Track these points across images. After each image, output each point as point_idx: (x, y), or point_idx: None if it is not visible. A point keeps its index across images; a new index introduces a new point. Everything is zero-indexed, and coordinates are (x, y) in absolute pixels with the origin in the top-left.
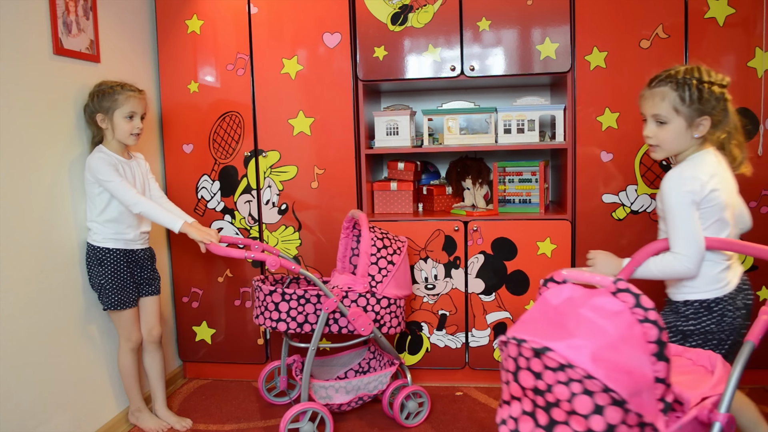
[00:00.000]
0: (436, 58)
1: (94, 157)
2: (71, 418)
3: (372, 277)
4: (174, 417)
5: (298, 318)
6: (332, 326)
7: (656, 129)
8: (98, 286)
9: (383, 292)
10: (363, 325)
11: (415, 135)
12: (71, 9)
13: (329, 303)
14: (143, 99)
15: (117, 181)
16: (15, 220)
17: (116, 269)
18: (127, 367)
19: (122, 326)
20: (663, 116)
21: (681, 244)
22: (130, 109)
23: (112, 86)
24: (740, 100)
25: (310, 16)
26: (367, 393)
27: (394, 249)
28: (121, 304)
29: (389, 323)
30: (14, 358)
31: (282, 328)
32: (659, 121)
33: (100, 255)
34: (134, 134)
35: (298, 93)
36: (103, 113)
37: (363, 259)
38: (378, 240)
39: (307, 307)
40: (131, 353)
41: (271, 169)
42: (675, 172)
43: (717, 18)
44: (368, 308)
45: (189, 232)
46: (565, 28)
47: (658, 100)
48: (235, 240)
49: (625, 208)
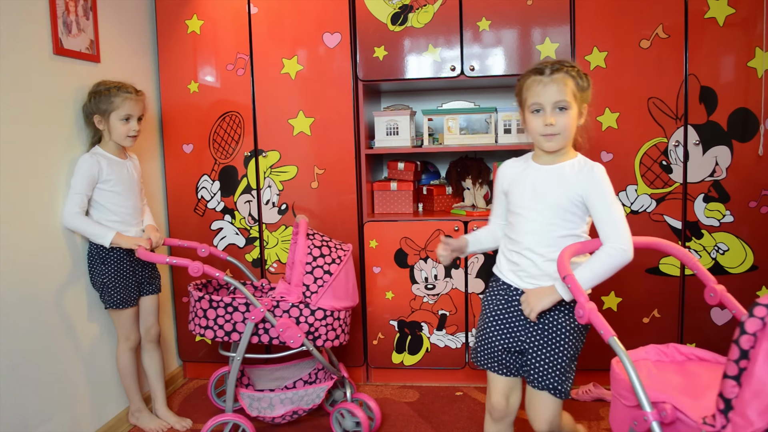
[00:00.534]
0: (436, 58)
1: (83, 159)
2: (71, 418)
3: (306, 287)
4: (174, 417)
5: (225, 326)
6: (262, 336)
7: (558, 116)
8: (100, 285)
9: (318, 303)
10: (292, 337)
11: (415, 135)
12: (71, 9)
13: (256, 313)
14: (141, 101)
15: (78, 193)
16: (15, 219)
17: (119, 268)
18: (126, 366)
19: (122, 325)
20: (566, 102)
21: (624, 234)
22: (127, 112)
23: (109, 87)
24: (740, 100)
25: (310, 16)
26: (302, 407)
27: (333, 258)
28: (123, 303)
29: (325, 336)
30: (14, 358)
31: (209, 336)
32: (560, 108)
33: (104, 254)
34: (130, 136)
35: (298, 93)
36: (100, 115)
37: (297, 267)
38: (315, 248)
39: (235, 315)
40: (130, 353)
41: (271, 169)
42: (597, 164)
43: (717, 18)
44: (301, 319)
45: (120, 243)
46: (565, 28)
47: (562, 86)
48: (178, 243)
49: (625, 208)
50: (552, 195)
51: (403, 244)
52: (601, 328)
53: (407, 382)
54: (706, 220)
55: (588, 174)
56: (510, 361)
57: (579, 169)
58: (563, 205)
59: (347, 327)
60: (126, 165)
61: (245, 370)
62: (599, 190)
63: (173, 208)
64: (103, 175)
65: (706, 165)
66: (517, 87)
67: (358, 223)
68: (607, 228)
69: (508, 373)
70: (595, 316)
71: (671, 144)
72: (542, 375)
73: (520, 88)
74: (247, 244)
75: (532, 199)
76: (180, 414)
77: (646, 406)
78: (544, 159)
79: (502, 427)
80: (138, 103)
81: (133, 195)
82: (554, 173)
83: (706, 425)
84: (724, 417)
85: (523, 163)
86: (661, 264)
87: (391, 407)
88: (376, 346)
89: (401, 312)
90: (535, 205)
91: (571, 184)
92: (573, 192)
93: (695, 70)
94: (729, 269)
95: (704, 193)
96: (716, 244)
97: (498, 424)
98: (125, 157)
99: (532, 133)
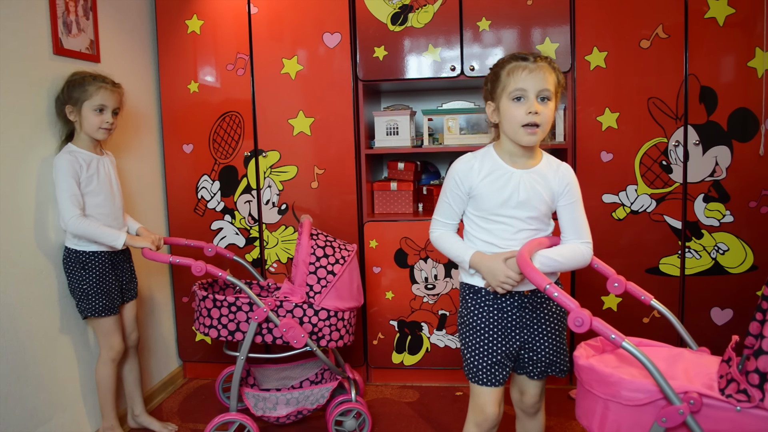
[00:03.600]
0: (436, 58)
1: (61, 158)
2: (71, 418)
3: (310, 287)
4: (157, 423)
5: (229, 326)
6: (266, 336)
7: (541, 106)
8: (80, 291)
9: (321, 304)
10: (295, 337)
11: (415, 135)
12: (71, 9)
13: (259, 312)
14: (117, 93)
15: (70, 194)
16: (15, 219)
17: (102, 273)
18: (107, 379)
19: (104, 334)
20: (549, 92)
21: (588, 232)
22: (100, 102)
23: (84, 76)
24: (740, 100)
25: (310, 16)
26: (307, 407)
27: (337, 258)
28: (107, 310)
29: (328, 336)
30: (14, 358)
31: (213, 335)
32: (543, 98)
33: (83, 259)
34: (103, 128)
35: (298, 93)
36: (72, 105)
37: (300, 268)
38: (318, 248)
39: (238, 315)
40: (111, 364)
41: (271, 169)
42: (564, 163)
43: (717, 18)
44: (305, 320)
45: (133, 243)
46: (565, 28)
47: (547, 74)
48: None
49: (625, 208)
50: (538, 202)
51: (403, 244)
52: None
53: (407, 382)
54: (706, 220)
55: (565, 173)
56: (507, 366)
57: (556, 169)
58: (546, 211)
59: (352, 328)
60: (103, 161)
61: (251, 370)
62: (575, 189)
63: (173, 208)
64: (83, 174)
65: (706, 165)
66: (492, 74)
67: (358, 223)
68: (579, 225)
69: (503, 382)
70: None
71: (671, 144)
72: (548, 364)
73: (496, 75)
74: (247, 244)
75: (517, 207)
76: (180, 414)
77: (676, 400)
78: (520, 162)
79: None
80: (113, 95)
81: (112, 195)
82: (537, 178)
83: (741, 403)
84: (760, 390)
85: (489, 162)
86: (661, 264)
87: (391, 407)
88: (376, 346)
89: (401, 312)
90: (520, 213)
91: (552, 186)
92: (553, 194)
93: (695, 70)
94: (729, 269)
95: (704, 193)
96: (716, 244)
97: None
98: (101, 153)
99: (512, 125)
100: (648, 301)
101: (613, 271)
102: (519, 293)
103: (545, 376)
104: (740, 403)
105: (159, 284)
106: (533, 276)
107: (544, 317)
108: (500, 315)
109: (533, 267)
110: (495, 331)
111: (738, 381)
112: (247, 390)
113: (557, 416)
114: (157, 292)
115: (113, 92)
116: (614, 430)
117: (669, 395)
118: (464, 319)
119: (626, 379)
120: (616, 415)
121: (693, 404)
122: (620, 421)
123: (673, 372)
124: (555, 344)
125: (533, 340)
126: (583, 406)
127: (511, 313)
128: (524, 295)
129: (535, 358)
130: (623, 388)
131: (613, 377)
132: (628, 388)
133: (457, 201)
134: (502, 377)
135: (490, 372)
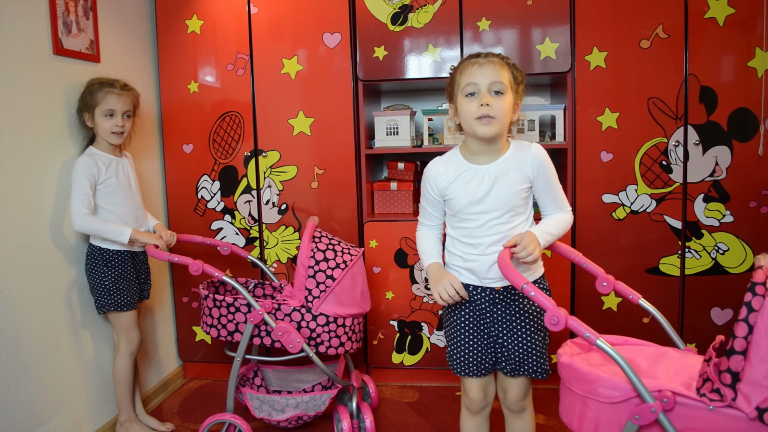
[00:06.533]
0: (436, 58)
1: (81, 160)
2: (71, 418)
3: (309, 291)
4: (154, 420)
5: (228, 326)
6: (264, 338)
7: (494, 99)
8: (102, 288)
9: (320, 309)
10: (291, 342)
11: (415, 135)
12: (71, 9)
13: (254, 315)
14: (127, 96)
15: (83, 194)
16: (15, 219)
17: (123, 270)
18: (125, 373)
19: (125, 329)
20: (503, 86)
21: (566, 201)
22: (109, 107)
23: (95, 83)
24: (740, 100)
25: (310, 16)
26: (307, 413)
27: (338, 263)
28: (127, 305)
29: (327, 343)
30: (14, 358)
31: (214, 335)
32: (496, 91)
33: (107, 256)
34: (115, 132)
35: (298, 93)
36: (87, 111)
37: (299, 271)
38: (319, 251)
39: (237, 315)
40: (130, 357)
41: (271, 169)
42: (534, 143)
43: (717, 18)
44: (303, 324)
45: (139, 238)
46: (565, 28)
47: (498, 68)
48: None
49: (625, 208)
50: (506, 193)
51: (403, 244)
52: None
53: (407, 382)
54: (706, 220)
55: (536, 154)
56: (487, 359)
57: (526, 152)
58: (514, 200)
59: (356, 334)
60: (122, 163)
61: (259, 371)
62: (548, 167)
63: (173, 208)
64: (101, 176)
65: (706, 165)
66: (449, 78)
67: (358, 223)
68: (558, 198)
69: (485, 373)
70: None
71: (671, 144)
72: (520, 362)
73: (452, 77)
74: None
75: (484, 202)
76: (180, 414)
77: (648, 398)
78: (482, 158)
79: (480, 419)
80: (122, 98)
81: (131, 194)
82: (504, 168)
83: (714, 402)
84: (732, 390)
85: (454, 163)
86: (661, 264)
87: (391, 407)
88: (376, 346)
89: (401, 312)
90: (488, 207)
91: (525, 171)
92: (527, 178)
93: (695, 70)
94: (729, 269)
95: (704, 193)
96: (716, 244)
97: (476, 417)
98: (120, 155)
99: (466, 120)
100: (636, 300)
101: (602, 271)
102: (491, 289)
103: (519, 375)
104: (713, 402)
105: (159, 284)
106: (512, 276)
107: (517, 314)
108: (474, 308)
109: (512, 268)
110: (470, 325)
111: (713, 380)
112: (249, 391)
113: (557, 416)
114: (157, 292)
115: (120, 96)
116: (592, 426)
117: (642, 393)
118: (444, 313)
119: (603, 376)
120: (594, 413)
121: (666, 403)
122: (598, 418)
123: (654, 371)
124: (527, 343)
125: (504, 336)
126: (565, 403)
127: (484, 308)
128: (496, 291)
129: (507, 354)
130: (600, 385)
131: (591, 375)
132: (604, 386)
133: (432, 204)
134: (483, 368)
135: (467, 363)
